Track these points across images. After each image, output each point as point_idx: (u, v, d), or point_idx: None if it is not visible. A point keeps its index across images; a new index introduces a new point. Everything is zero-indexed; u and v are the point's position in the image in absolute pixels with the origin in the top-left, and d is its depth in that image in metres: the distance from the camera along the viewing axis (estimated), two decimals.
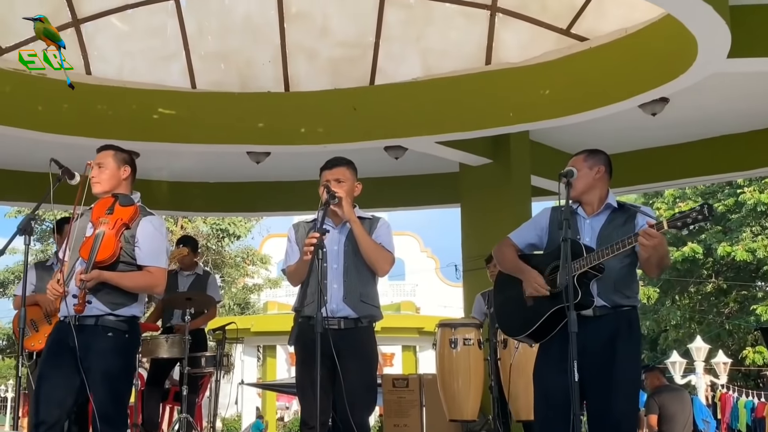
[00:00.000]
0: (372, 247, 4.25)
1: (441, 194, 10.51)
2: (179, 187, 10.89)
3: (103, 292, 4.13)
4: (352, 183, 4.37)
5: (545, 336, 3.98)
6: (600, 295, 3.88)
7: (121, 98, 7.97)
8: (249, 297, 28.61)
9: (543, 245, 4.17)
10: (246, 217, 24.66)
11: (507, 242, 4.24)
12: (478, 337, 6.60)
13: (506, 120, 7.79)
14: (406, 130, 8.12)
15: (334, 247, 4.26)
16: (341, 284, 4.23)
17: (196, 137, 8.21)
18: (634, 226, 3.91)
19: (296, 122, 8.20)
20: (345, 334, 4.16)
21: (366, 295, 4.28)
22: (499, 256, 4.26)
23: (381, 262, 4.28)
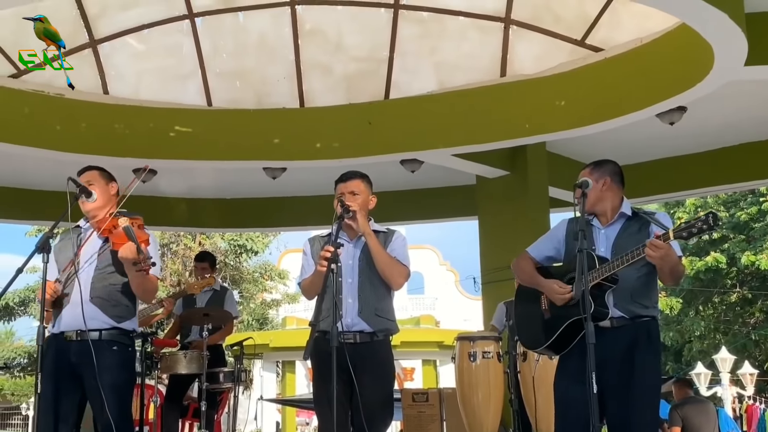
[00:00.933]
0: (386, 261, 4.27)
1: (458, 207, 10.54)
2: (196, 203, 10.98)
3: (110, 304, 4.20)
4: (366, 196, 4.40)
5: (564, 348, 3.99)
6: (617, 305, 3.90)
7: (138, 117, 8.07)
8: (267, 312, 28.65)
9: (561, 257, 4.20)
10: (263, 232, 24.74)
11: (524, 256, 4.27)
12: (498, 350, 6.60)
13: (522, 131, 7.81)
14: (421, 144, 8.17)
15: (348, 261, 4.29)
16: (356, 299, 4.25)
17: (213, 154, 8.29)
18: (648, 234, 3.91)
19: (312, 137, 8.26)
20: (361, 348, 4.18)
21: (381, 310, 4.30)
22: (517, 269, 4.29)
23: (395, 276, 4.30)
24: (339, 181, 4.43)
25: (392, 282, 4.31)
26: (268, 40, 8.20)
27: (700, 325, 24.75)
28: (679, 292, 23.71)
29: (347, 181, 4.40)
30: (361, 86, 8.25)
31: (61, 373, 4.13)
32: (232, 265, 26.47)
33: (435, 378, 23.02)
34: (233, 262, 26.27)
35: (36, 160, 8.23)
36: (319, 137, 8.25)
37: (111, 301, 4.22)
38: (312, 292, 4.25)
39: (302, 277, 4.42)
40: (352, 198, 4.31)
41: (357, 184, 4.39)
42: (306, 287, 4.36)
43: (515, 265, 4.31)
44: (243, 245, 25.23)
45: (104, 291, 4.23)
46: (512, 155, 8.77)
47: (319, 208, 10.12)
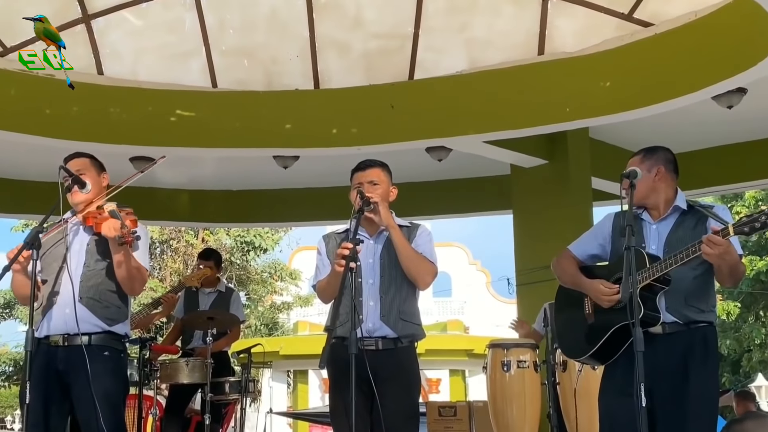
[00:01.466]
0: (412, 257, 4.27)
1: (491, 200, 10.54)
2: (200, 195, 11.05)
3: (101, 306, 4.23)
4: (387, 186, 4.42)
5: (610, 357, 3.99)
6: (669, 309, 3.88)
7: (135, 99, 8.12)
8: (277, 316, 28.75)
9: (607, 256, 4.19)
10: (273, 228, 24.82)
11: (566, 254, 4.27)
12: (534, 359, 6.60)
13: (562, 116, 7.80)
14: (450, 129, 8.17)
15: (369, 260, 4.30)
16: (378, 301, 4.25)
17: (218, 141, 8.34)
18: (705, 229, 3.90)
19: (327, 122, 8.29)
20: (383, 355, 4.19)
21: (406, 313, 4.31)
22: (558, 269, 4.29)
23: (422, 273, 4.29)
24: (356, 170, 4.45)
25: (418, 281, 4.31)
26: (279, 15, 8.22)
27: (760, 332, 24.58)
28: (738, 295, 23.54)
29: (366, 170, 4.41)
30: (383, 66, 8.26)
31: (49, 382, 4.16)
32: (239, 264, 26.56)
33: (463, 390, 23.04)
34: (239, 260, 26.36)
35: (22, 147, 8.30)
36: (336, 122, 8.27)
37: (102, 302, 4.25)
38: (328, 294, 4.26)
39: (317, 279, 4.42)
40: (371, 188, 4.32)
41: (377, 173, 4.41)
42: (322, 289, 4.37)
43: (556, 265, 4.31)
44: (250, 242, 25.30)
45: (94, 291, 4.26)
46: (551, 142, 8.76)
47: (334, 201, 10.14)
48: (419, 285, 4.34)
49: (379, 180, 4.38)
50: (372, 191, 4.29)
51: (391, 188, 4.46)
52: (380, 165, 4.47)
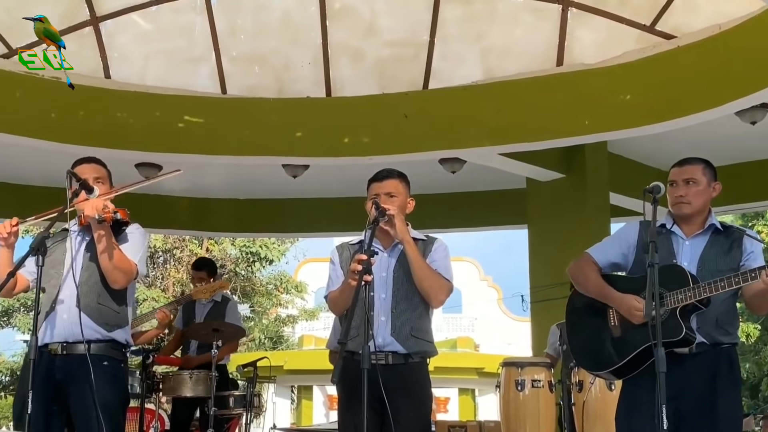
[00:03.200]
0: (426, 273, 4.25)
1: (505, 214, 10.54)
2: (205, 204, 11.08)
3: (99, 311, 4.20)
4: (404, 198, 4.40)
5: (629, 372, 3.99)
6: (700, 331, 3.89)
7: (142, 104, 8.16)
8: (282, 330, 28.74)
9: (628, 266, 4.19)
10: (280, 238, 24.83)
11: (587, 259, 4.23)
12: (549, 379, 6.59)
13: (581, 129, 7.81)
14: (464, 141, 8.19)
15: (382, 274, 4.28)
16: (389, 316, 4.25)
17: (226, 148, 8.37)
18: (741, 252, 3.95)
19: (339, 131, 8.32)
20: (394, 370, 4.19)
21: (418, 330, 4.29)
22: (580, 276, 4.25)
23: (436, 290, 4.28)
24: (373, 180, 4.44)
25: (432, 298, 4.29)
26: (291, 20, 8.26)
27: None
28: (757, 318, 23.43)
29: (383, 181, 4.40)
30: (397, 74, 8.29)
31: (49, 393, 4.14)
32: (243, 275, 26.57)
33: (473, 409, 23.00)
34: (244, 271, 26.36)
35: (27, 151, 8.33)
36: (348, 131, 8.30)
37: (100, 307, 4.23)
38: (341, 306, 4.26)
39: (329, 289, 4.41)
40: (388, 200, 4.31)
41: (395, 185, 4.39)
42: (333, 301, 4.35)
43: (576, 270, 4.26)
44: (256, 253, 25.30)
45: (91, 294, 4.24)
46: (568, 156, 8.77)
47: (344, 212, 10.19)
48: (432, 302, 4.32)
49: (396, 192, 4.37)
50: (388, 203, 4.28)
51: (409, 200, 4.44)
52: (398, 176, 4.45)
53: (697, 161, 4.18)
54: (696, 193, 4.04)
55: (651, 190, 3.94)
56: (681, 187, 4.04)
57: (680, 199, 4.03)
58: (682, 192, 4.02)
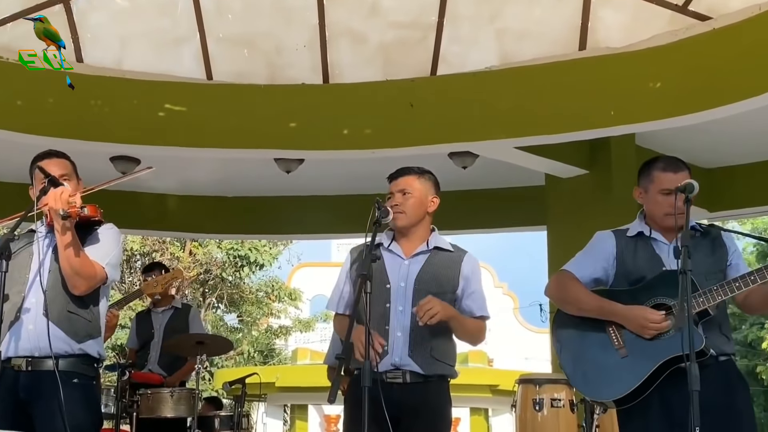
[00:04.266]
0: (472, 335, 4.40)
1: (522, 214, 10.56)
2: (189, 202, 11.11)
3: (68, 321, 4.19)
4: (421, 195, 4.43)
5: (635, 398, 4.02)
6: (707, 340, 3.94)
7: (119, 91, 8.18)
8: (273, 342, 28.77)
9: (608, 280, 4.26)
10: (271, 240, 24.84)
11: (569, 276, 4.28)
12: (571, 397, 6.60)
13: (606, 120, 7.82)
14: (477, 133, 8.20)
15: (400, 283, 4.31)
16: (407, 333, 4.25)
17: (212, 140, 8.38)
18: (726, 250, 4.12)
19: (337, 122, 8.33)
20: (410, 390, 4.22)
21: (439, 350, 4.31)
22: (567, 294, 4.28)
23: (478, 340, 4.41)
24: (390, 178, 4.52)
25: (473, 345, 4.47)
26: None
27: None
28: None
29: (397, 178, 4.47)
30: (402, 59, 8.31)
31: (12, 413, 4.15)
32: (231, 281, 26.61)
33: (486, 431, 22.98)
34: (232, 277, 26.40)
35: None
36: (347, 122, 8.32)
37: (69, 315, 4.22)
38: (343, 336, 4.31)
39: (336, 306, 4.50)
40: (401, 198, 4.36)
41: (408, 182, 4.44)
42: (338, 329, 4.56)
43: (561, 289, 4.32)
44: (245, 256, 25.32)
45: (60, 303, 4.23)
46: (592, 150, 8.79)
47: (343, 212, 10.20)
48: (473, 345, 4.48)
49: (410, 188, 4.41)
50: (400, 201, 4.34)
51: (431, 197, 4.49)
52: (417, 172, 4.50)
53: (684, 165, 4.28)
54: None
55: (683, 188, 3.99)
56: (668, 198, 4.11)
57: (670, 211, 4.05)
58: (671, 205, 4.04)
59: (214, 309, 26.97)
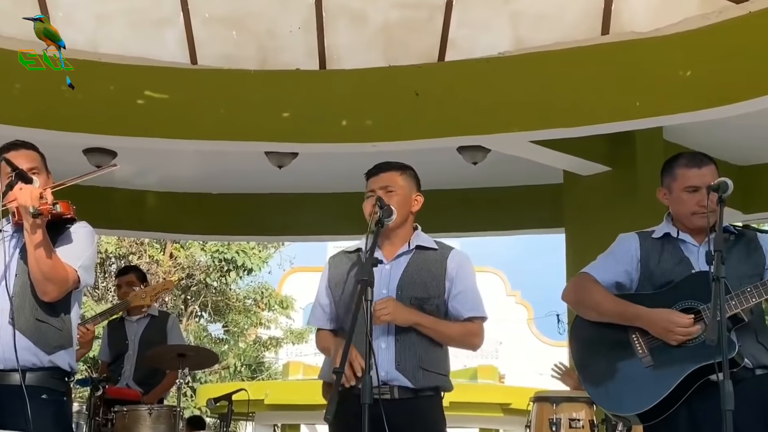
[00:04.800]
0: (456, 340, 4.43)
1: (537, 215, 10.59)
2: (170, 199, 11.13)
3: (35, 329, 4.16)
4: (405, 193, 4.45)
5: (660, 413, 4.04)
6: (742, 350, 3.95)
7: (94, 77, 8.16)
8: (263, 355, 28.76)
9: (632, 285, 4.29)
10: (261, 243, 24.86)
11: (589, 278, 4.32)
12: (591, 417, 6.61)
13: (630, 112, 7.84)
14: (488, 125, 8.21)
15: (382, 290, 4.30)
16: (392, 344, 4.28)
17: (196, 131, 8.39)
18: (763, 252, 4.12)
19: (335, 112, 8.35)
20: (400, 405, 4.23)
21: (429, 361, 4.33)
22: (587, 297, 4.31)
23: (470, 344, 4.48)
24: (368, 174, 4.52)
25: (466, 350, 4.55)
26: None
27: None
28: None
29: (378, 174, 4.48)
30: (406, 43, 8.32)
31: None
32: (216, 288, 26.60)
33: None
34: (217, 282, 26.38)
35: None
36: (346, 112, 8.33)
37: (38, 324, 4.21)
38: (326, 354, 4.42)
39: (317, 322, 4.54)
40: (386, 196, 4.36)
41: (391, 178, 4.46)
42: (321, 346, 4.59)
43: (580, 292, 4.35)
44: (232, 260, 25.31)
45: (27, 310, 4.22)
46: (615, 145, 8.80)
47: (341, 211, 10.19)
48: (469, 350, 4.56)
49: (394, 185, 4.43)
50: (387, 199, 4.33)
51: (415, 196, 4.50)
52: (398, 168, 4.52)
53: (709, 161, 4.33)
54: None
55: (717, 187, 4.01)
56: (702, 194, 4.13)
57: (703, 209, 4.11)
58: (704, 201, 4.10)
59: (197, 318, 26.98)
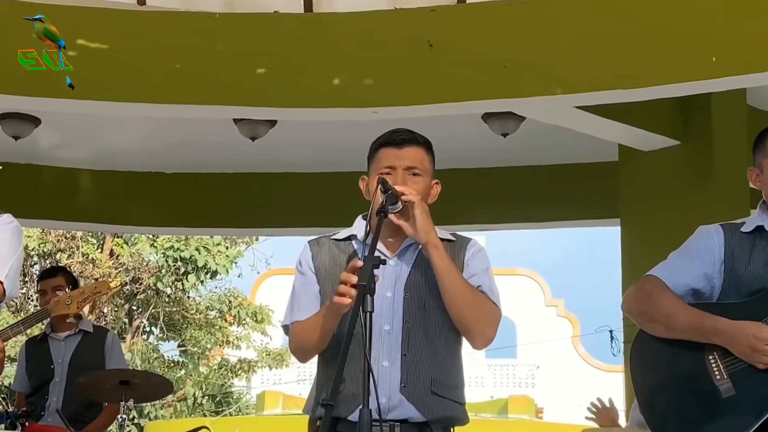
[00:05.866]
0: (468, 296, 4.25)
1: (585, 202, 10.63)
2: (109, 180, 11.17)
3: None
4: (429, 180, 4.44)
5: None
6: None
7: (8, 22, 8.19)
8: (230, 383, 28.82)
9: (713, 293, 4.29)
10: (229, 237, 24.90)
11: (657, 283, 4.30)
12: None
13: (705, 69, 7.82)
14: (521, 86, 8.20)
15: (386, 293, 4.30)
16: (397, 361, 4.28)
17: (143, 92, 8.37)
18: None
19: (324, 68, 8.34)
20: None
21: (443, 383, 4.33)
22: (657, 308, 4.29)
23: (483, 322, 4.31)
24: (385, 144, 4.45)
25: (477, 334, 4.32)
26: None
27: None
28: None
29: (403, 147, 4.40)
30: None
31: None
32: (170, 296, 26.65)
33: None
34: (171, 288, 26.43)
35: None
36: (338, 69, 8.32)
37: None
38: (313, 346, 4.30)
39: (293, 317, 4.42)
40: (410, 181, 4.33)
41: (420, 156, 4.42)
42: (301, 336, 4.37)
43: (645, 300, 4.32)
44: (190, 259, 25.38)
45: None
46: (686, 112, 8.83)
47: (332, 197, 10.22)
48: (476, 341, 4.35)
49: (422, 169, 4.39)
50: (410, 184, 4.30)
51: (433, 183, 4.48)
52: (425, 144, 4.46)
53: None
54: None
55: None
56: None
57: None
58: None
59: (144, 335, 27.04)
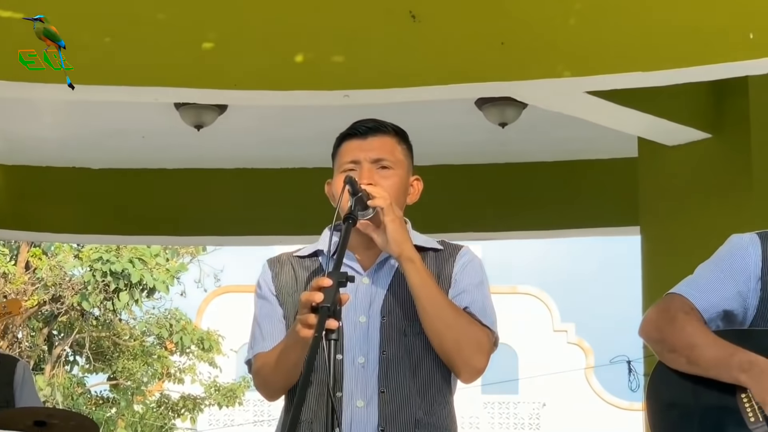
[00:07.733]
0: (448, 318, 4.26)
1: (599, 205, 10.71)
2: (20, 176, 11.23)
3: None
4: (404, 174, 4.49)
5: None
6: None
7: None
8: (172, 424, 28.90)
9: (747, 315, 4.32)
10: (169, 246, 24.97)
11: (683, 304, 4.31)
12: None
13: (741, 49, 7.91)
14: (523, 66, 8.29)
15: (359, 318, 4.36)
16: (375, 400, 4.33)
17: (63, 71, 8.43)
18: None
19: (285, 42, 8.41)
20: None
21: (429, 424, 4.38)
22: (679, 336, 4.28)
23: (468, 350, 4.32)
24: (347, 136, 4.51)
25: (461, 365, 4.34)
26: None
27: None
28: None
29: (367, 137, 4.46)
30: None
31: None
32: (98, 318, 26.70)
33: None
34: (99, 309, 26.49)
35: None
36: (302, 42, 8.39)
37: None
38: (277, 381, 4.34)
39: (255, 350, 4.44)
40: (377, 175, 4.37)
41: (389, 146, 4.46)
42: (265, 371, 4.38)
43: (667, 326, 4.32)
44: (122, 274, 25.45)
45: None
46: (717, 99, 8.93)
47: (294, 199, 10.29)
48: (461, 373, 4.39)
49: (393, 160, 4.43)
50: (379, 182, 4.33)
51: (412, 179, 4.53)
52: (396, 132, 4.51)
53: None
54: None
55: None
56: None
57: None
58: None
59: (67, 365, 27.07)
